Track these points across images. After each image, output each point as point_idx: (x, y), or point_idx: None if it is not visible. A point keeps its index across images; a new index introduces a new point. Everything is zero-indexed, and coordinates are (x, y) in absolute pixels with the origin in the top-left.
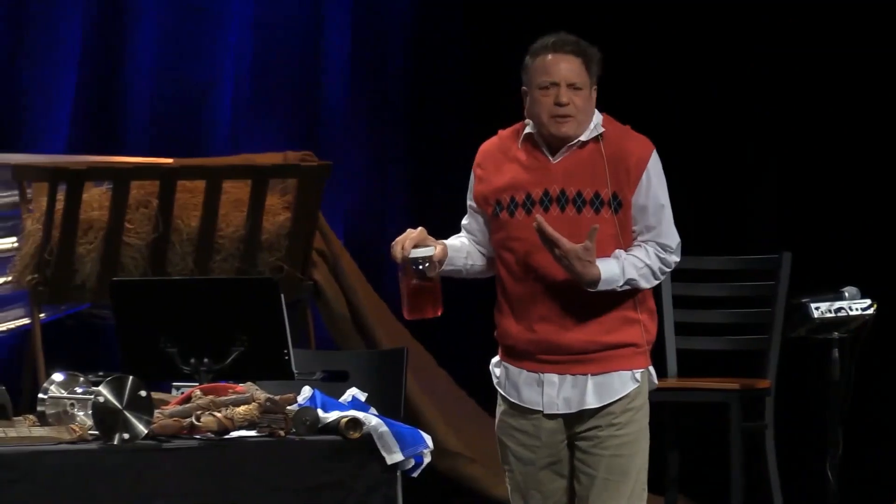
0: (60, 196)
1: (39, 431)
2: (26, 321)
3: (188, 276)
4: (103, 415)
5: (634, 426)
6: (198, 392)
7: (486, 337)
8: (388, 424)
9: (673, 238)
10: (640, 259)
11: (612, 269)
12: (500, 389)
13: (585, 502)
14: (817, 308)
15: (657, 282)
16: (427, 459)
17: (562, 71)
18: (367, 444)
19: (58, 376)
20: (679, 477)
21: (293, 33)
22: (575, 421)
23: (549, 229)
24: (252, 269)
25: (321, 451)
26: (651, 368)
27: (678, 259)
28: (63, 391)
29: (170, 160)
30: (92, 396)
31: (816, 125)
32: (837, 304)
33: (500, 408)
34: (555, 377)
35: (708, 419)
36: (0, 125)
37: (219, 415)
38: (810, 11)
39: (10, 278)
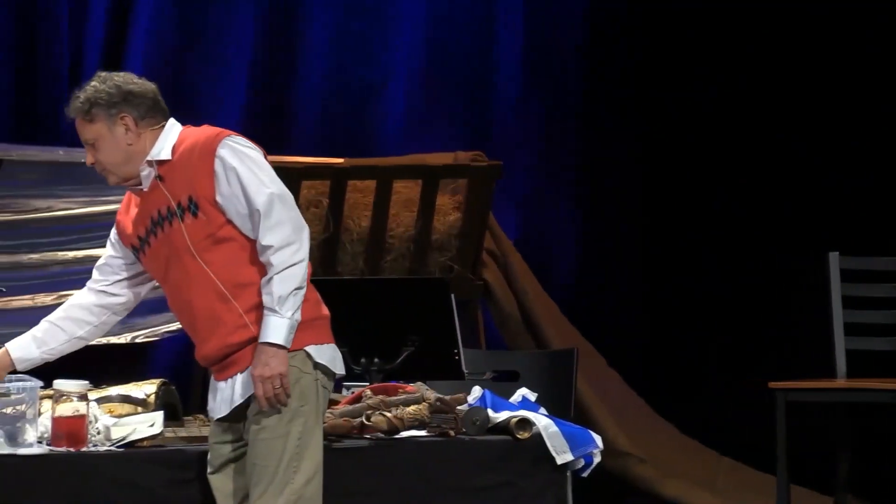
0: None
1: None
2: None
3: (359, 275)
4: None
5: (272, 411)
6: (368, 392)
7: (656, 339)
8: (558, 424)
9: (279, 218)
10: (272, 293)
11: (275, 323)
12: None
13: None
14: None
15: (299, 273)
16: (597, 459)
17: (79, 134)
18: (537, 444)
19: None
20: (849, 477)
21: (465, 33)
22: (240, 419)
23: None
24: (422, 269)
25: (491, 452)
26: (308, 349)
27: (294, 241)
28: None
29: (340, 160)
30: None
31: None
32: None
33: None
34: (220, 383)
35: (878, 420)
36: None
37: (389, 414)
38: None
39: None
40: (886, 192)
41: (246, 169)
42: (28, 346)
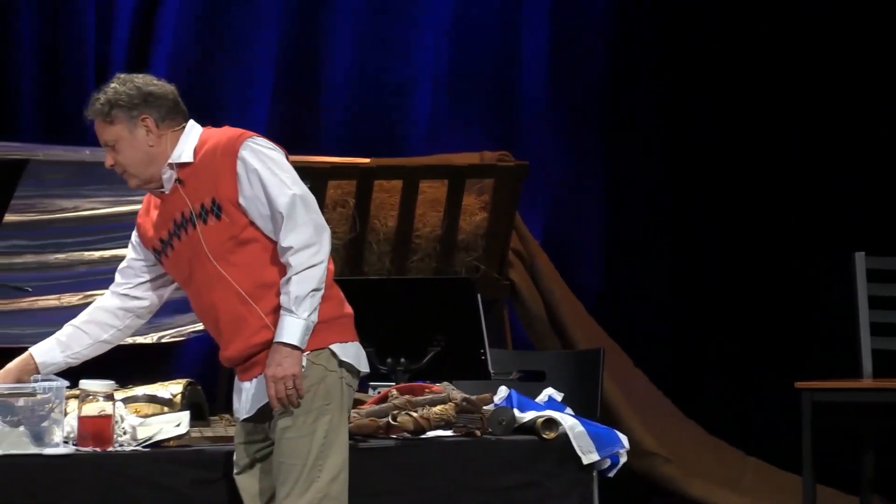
0: None
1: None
2: None
3: (385, 275)
4: None
5: (297, 410)
6: (394, 391)
7: (682, 339)
8: (584, 424)
9: (300, 220)
10: (289, 293)
11: (290, 324)
12: None
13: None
14: None
15: (317, 274)
16: (623, 459)
17: (98, 135)
18: (564, 444)
19: None
20: (875, 477)
21: (491, 33)
22: (265, 419)
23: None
24: (449, 269)
25: (517, 452)
26: (333, 348)
27: (314, 242)
28: None
29: (367, 160)
30: None
31: None
32: None
33: None
34: (244, 384)
35: None
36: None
37: (415, 414)
38: None
39: None
40: None
41: (268, 171)
42: (52, 350)
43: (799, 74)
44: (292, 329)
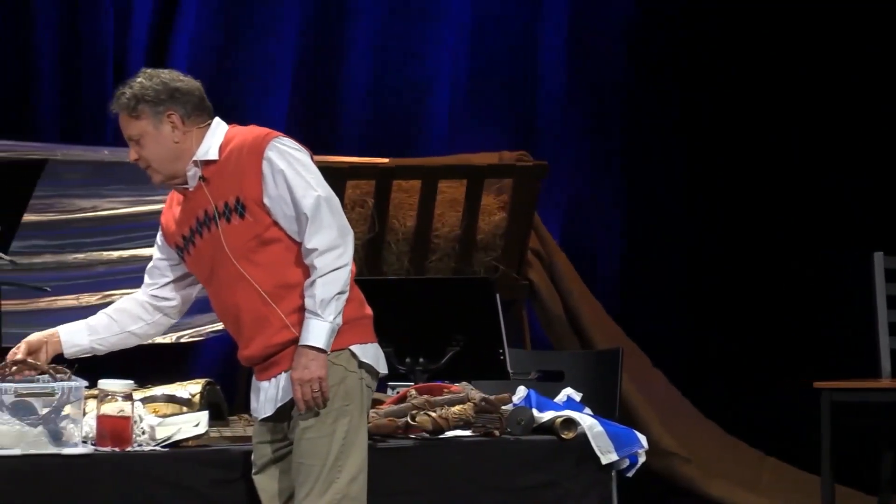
0: None
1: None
2: None
3: (404, 275)
4: None
5: (313, 411)
6: (413, 391)
7: (700, 339)
8: (603, 424)
9: (325, 222)
10: (314, 296)
11: (316, 327)
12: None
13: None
14: None
15: (342, 277)
16: (642, 459)
17: (123, 129)
18: (582, 444)
19: None
20: (893, 477)
21: (510, 33)
22: (284, 418)
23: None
24: (467, 269)
25: (536, 451)
26: (353, 349)
27: (339, 245)
28: None
29: (385, 160)
30: None
31: None
32: None
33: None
34: (263, 383)
35: None
36: None
37: (434, 414)
38: None
39: None
40: None
41: (293, 172)
42: (79, 332)
43: (799, 74)
44: (318, 332)
